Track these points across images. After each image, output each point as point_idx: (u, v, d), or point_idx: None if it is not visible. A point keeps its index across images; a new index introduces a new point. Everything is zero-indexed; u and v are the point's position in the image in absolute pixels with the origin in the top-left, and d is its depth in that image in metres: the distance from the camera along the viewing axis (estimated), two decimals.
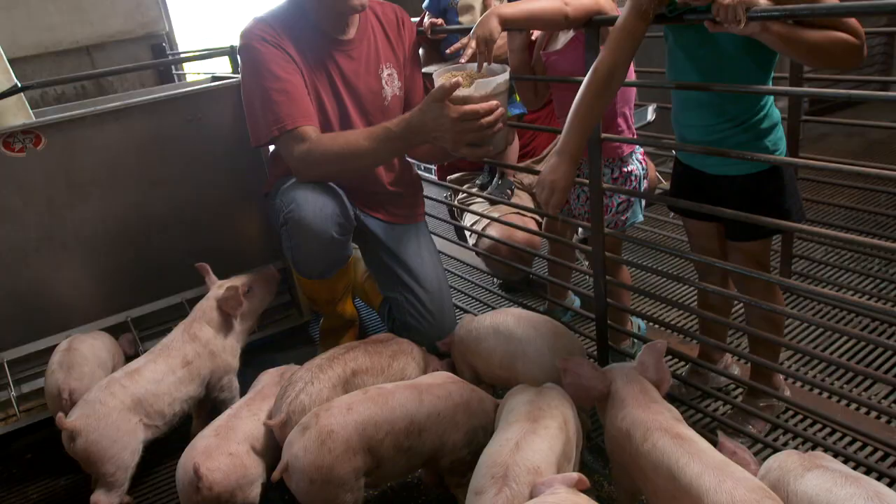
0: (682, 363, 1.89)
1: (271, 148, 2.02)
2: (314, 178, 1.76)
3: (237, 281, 1.91)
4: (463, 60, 1.63)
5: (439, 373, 1.60)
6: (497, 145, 1.62)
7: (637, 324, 2.00)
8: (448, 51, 1.79)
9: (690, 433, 1.16)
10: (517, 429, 1.26)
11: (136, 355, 1.93)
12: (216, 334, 1.81)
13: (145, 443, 1.62)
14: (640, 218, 1.81)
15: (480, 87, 1.55)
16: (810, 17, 1.19)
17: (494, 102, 1.55)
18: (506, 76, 1.58)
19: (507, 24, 1.59)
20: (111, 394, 1.58)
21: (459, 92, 1.54)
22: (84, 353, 1.79)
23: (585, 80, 1.36)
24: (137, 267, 2.10)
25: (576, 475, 1.06)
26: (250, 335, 1.96)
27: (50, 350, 1.92)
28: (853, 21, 1.17)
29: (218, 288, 1.88)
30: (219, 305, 1.84)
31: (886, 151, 3.37)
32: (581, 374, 1.35)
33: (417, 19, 2.09)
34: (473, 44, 1.59)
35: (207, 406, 1.84)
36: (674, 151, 1.64)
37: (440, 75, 1.65)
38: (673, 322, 2.11)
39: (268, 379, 1.70)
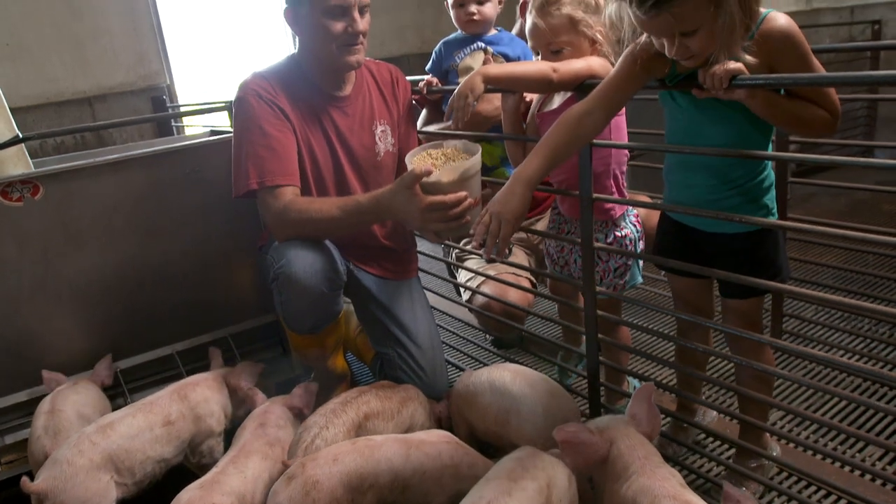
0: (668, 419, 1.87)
1: None
2: (289, 237, 1.78)
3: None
4: (445, 119, 1.66)
5: (436, 431, 1.59)
6: (473, 225, 1.62)
7: (633, 384, 1.99)
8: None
9: (698, 500, 1.14)
10: (493, 487, 1.22)
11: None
12: (208, 399, 1.78)
13: (118, 502, 1.56)
14: (640, 280, 1.81)
15: (448, 172, 1.55)
16: (794, 86, 1.25)
17: (463, 194, 1.55)
18: (476, 159, 1.59)
19: (491, 82, 1.63)
20: (79, 452, 1.52)
21: (427, 178, 1.55)
22: (68, 415, 1.72)
23: (560, 116, 1.39)
24: (129, 317, 2.09)
25: None
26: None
27: (34, 402, 1.90)
28: (833, 98, 1.24)
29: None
30: (229, 376, 1.87)
31: (872, 211, 3.43)
32: (579, 441, 1.29)
33: (420, 78, 2.15)
34: (457, 101, 1.63)
35: None
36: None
37: (413, 157, 1.67)
38: (662, 380, 2.10)
39: (247, 435, 1.65)
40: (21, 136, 2.06)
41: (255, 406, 1.77)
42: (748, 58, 1.20)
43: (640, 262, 1.82)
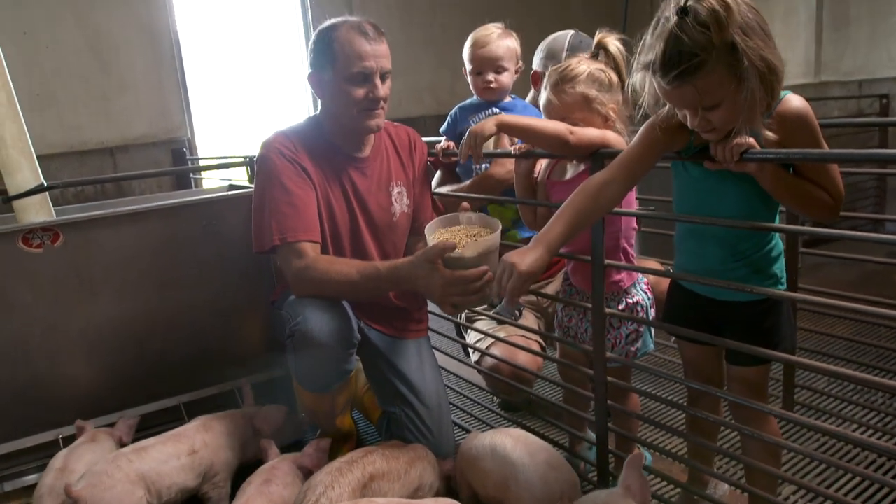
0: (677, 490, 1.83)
1: None
2: (307, 294, 1.80)
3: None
4: (462, 160, 1.73)
5: (444, 499, 1.56)
6: (491, 297, 1.64)
7: (644, 454, 1.95)
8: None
9: None
10: None
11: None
12: (231, 432, 1.85)
13: None
14: (651, 347, 1.80)
15: (471, 248, 1.59)
16: (802, 161, 1.28)
17: (484, 268, 1.57)
18: (497, 235, 1.62)
19: (504, 128, 1.67)
20: (118, 467, 1.62)
21: (451, 253, 1.58)
22: (79, 474, 1.69)
23: (581, 184, 1.41)
24: (138, 367, 2.09)
25: None
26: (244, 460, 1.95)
27: (37, 449, 1.89)
28: (837, 183, 1.28)
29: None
30: (255, 417, 1.94)
31: (884, 282, 3.41)
32: None
33: (435, 139, 2.20)
34: (467, 140, 1.68)
35: None
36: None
37: (432, 230, 1.70)
38: (673, 449, 2.06)
39: (252, 491, 1.64)
40: (45, 184, 2.12)
41: (268, 460, 1.75)
42: (769, 134, 1.23)
43: (652, 330, 1.82)
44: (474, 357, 2.28)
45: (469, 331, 2.35)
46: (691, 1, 1.15)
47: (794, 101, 1.27)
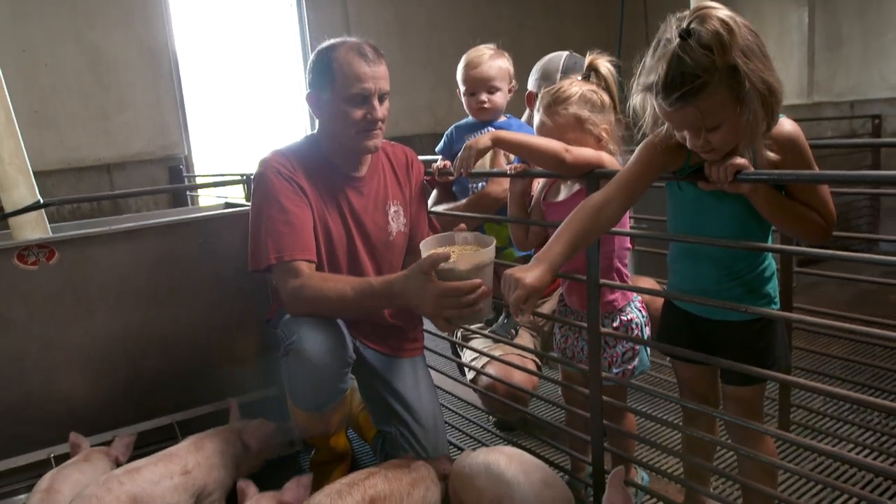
0: None
1: None
2: (302, 313, 1.80)
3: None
4: (456, 174, 1.75)
5: None
6: (484, 314, 1.64)
7: (641, 474, 1.95)
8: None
9: None
10: None
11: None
12: (223, 451, 1.83)
13: None
14: (648, 365, 1.80)
15: (464, 260, 1.58)
16: (796, 182, 1.29)
17: (478, 281, 1.56)
18: (491, 250, 1.62)
19: (500, 143, 1.68)
20: (108, 490, 1.58)
21: (444, 264, 1.58)
22: (65, 496, 1.67)
23: (580, 204, 1.41)
24: (132, 385, 2.08)
25: None
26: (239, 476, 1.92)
27: (28, 468, 1.87)
28: (829, 206, 1.30)
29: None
30: (243, 432, 1.92)
31: (879, 301, 3.42)
32: None
33: (431, 158, 2.21)
34: (462, 153, 1.70)
35: None
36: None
37: (427, 247, 1.70)
38: (669, 469, 2.06)
39: None
40: (42, 201, 2.12)
41: (245, 500, 1.68)
42: (771, 155, 1.25)
43: (648, 347, 1.82)
44: (470, 376, 2.28)
45: (464, 349, 2.35)
46: (694, 23, 1.16)
47: (786, 126, 1.28)
